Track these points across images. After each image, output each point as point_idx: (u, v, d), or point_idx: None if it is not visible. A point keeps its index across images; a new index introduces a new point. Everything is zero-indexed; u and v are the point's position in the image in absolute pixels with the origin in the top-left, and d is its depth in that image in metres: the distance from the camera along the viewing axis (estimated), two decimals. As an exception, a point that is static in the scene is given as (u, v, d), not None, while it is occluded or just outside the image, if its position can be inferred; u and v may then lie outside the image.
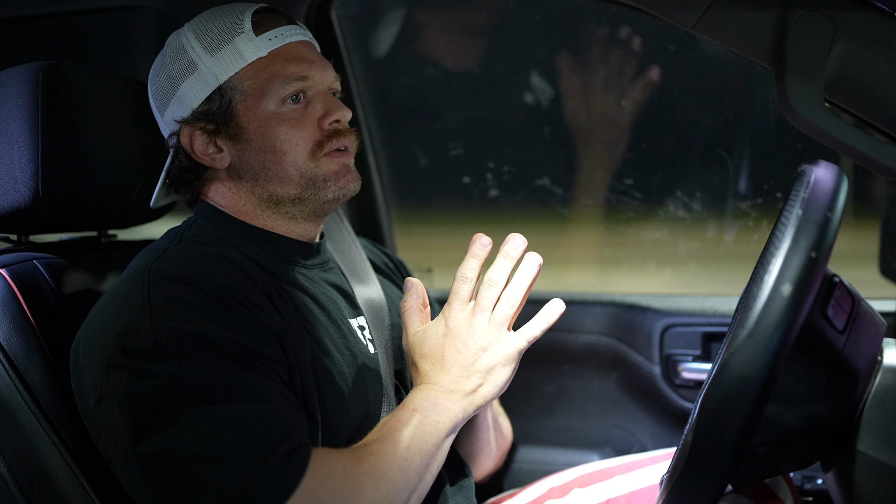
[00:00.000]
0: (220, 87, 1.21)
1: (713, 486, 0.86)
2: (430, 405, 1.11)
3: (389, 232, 2.10)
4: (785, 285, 0.80)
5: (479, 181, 2.40)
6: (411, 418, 1.09)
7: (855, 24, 1.15)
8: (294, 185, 1.22)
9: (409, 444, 1.06)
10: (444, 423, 1.10)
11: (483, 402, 1.14)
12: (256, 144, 1.22)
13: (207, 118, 1.22)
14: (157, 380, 1.00)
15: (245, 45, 1.21)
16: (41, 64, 1.30)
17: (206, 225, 1.24)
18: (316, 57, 1.27)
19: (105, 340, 1.04)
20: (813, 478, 1.68)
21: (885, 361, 1.02)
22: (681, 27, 1.24)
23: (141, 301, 1.05)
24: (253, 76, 1.21)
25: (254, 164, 1.23)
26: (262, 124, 1.21)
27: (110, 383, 1.02)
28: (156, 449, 0.98)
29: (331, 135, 1.24)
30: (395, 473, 1.04)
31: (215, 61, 1.21)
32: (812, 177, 0.90)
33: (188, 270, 1.09)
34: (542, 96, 2.31)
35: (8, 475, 1.15)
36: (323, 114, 1.24)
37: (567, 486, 1.42)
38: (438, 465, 1.11)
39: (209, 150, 1.24)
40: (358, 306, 1.31)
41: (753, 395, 0.79)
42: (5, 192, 1.28)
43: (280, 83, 1.21)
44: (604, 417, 1.95)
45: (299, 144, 1.22)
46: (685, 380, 1.86)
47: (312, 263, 1.29)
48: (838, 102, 1.20)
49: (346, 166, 1.26)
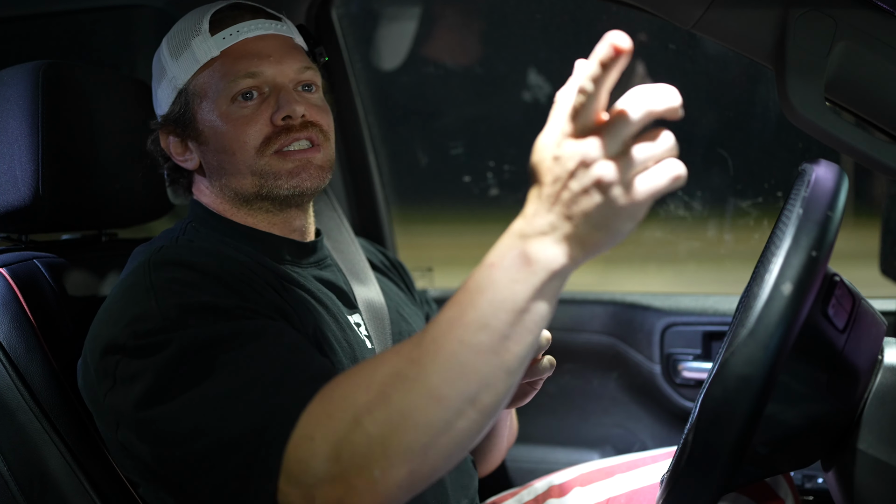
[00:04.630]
0: (181, 91, 1.23)
1: (714, 485, 0.86)
2: (513, 257, 0.79)
3: (389, 231, 2.10)
4: (785, 284, 0.80)
5: (479, 180, 2.40)
6: (470, 289, 0.81)
7: (856, 23, 1.15)
8: (249, 183, 1.22)
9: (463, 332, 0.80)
10: (528, 284, 0.79)
11: (594, 251, 0.78)
12: (213, 145, 1.22)
13: (173, 121, 1.24)
14: (172, 345, 0.98)
15: (199, 46, 1.21)
16: (42, 63, 1.30)
17: (201, 227, 1.25)
18: (276, 50, 1.23)
19: (115, 330, 1.03)
20: (813, 477, 1.68)
21: (886, 360, 1.02)
22: (681, 26, 1.24)
23: (144, 288, 1.05)
24: (205, 77, 1.21)
25: (214, 164, 1.23)
26: (214, 124, 1.21)
27: (126, 365, 1.00)
28: (174, 408, 0.95)
29: (282, 130, 1.20)
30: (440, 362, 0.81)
31: (177, 65, 1.23)
32: (813, 176, 0.90)
33: (186, 257, 1.10)
34: (543, 95, 2.31)
35: (8, 474, 1.15)
36: (275, 109, 1.21)
37: (568, 485, 1.42)
38: (521, 352, 0.80)
39: (182, 152, 1.26)
40: (354, 304, 1.31)
41: (754, 395, 0.79)
42: (6, 192, 1.28)
43: (228, 81, 1.20)
44: (604, 416, 1.95)
45: (248, 143, 1.20)
46: (686, 379, 1.86)
47: (307, 262, 1.29)
48: (839, 101, 1.20)
49: (303, 163, 1.21)
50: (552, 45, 2.28)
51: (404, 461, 0.81)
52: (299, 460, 0.86)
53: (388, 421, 0.81)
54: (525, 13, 2.32)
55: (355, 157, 2.02)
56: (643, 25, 2.13)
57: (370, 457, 0.81)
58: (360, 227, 2.03)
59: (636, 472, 1.39)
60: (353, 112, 1.99)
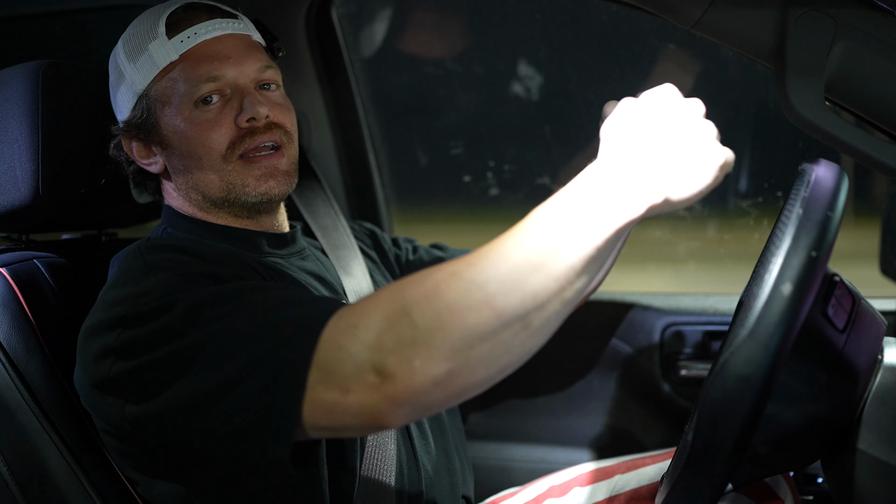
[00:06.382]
0: (141, 96, 1.22)
1: (713, 484, 0.86)
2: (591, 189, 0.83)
3: (390, 230, 2.10)
4: (785, 284, 0.80)
5: (479, 180, 2.40)
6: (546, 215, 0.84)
7: (855, 22, 1.15)
8: (217, 187, 1.21)
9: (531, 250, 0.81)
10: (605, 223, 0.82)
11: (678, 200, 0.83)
12: (178, 150, 1.21)
13: (136, 127, 1.23)
14: (179, 305, 0.96)
15: (157, 50, 1.19)
16: (41, 63, 1.30)
17: (176, 232, 1.25)
18: (235, 51, 1.21)
19: (114, 310, 1.01)
20: (813, 477, 1.68)
21: (886, 360, 1.02)
22: (681, 26, 1.24)
23: (141, 269, 1.05)
24: (166, 83, 1.20)
25: (180, 169, 1.23)
26: (179, 129, 1.20)
27: (128, 336, 0.98)
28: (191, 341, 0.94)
29: (247, 133, 1.20)
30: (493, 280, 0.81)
31: (135, 70, 1.21)
32: (813, 175, 0.90)
33: (178, 242, 1.11)
34: (543, 95, 2.31)
35: (8, 474, 1.15)
36: (238, 112, 1.19)
37: (567, 485, 1.42)
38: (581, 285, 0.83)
39: (147, 156, 1.25)
40: (337, 291, 1.32)
41: (754, 395, 0.79)
42: (5, 191, 1.28)
43: (190, 86, 1.18)
44: (604, 416, 1.95)
45: (213, 147, 1.19)
46: (685, 379, 1.86)
47: (288, 252, 1.29)
48: (839, 101, 1.20)
49: (270, 170, 1.21)
50: (552, 45, 2.28)
51: (446, 357, 0.81)
52: (340, 348, 0.85)
53: (437, 314, 0.81)
54: (525, 13, 2.32)
55: (355, 156, 2.02)
56: (643, 25, 2.13)
57: (414, 346, 0.81)
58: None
59: (636, 472, 1.38)
60: (353, 112, 1.99)
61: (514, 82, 2.37)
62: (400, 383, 0.81)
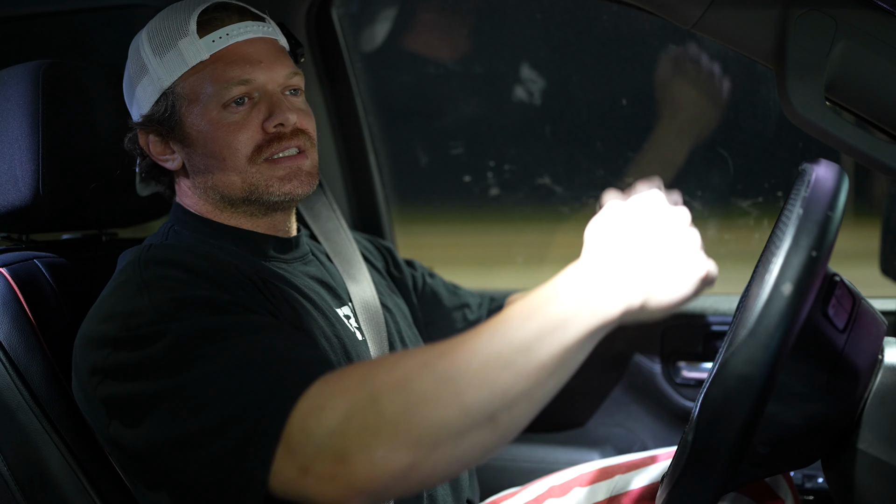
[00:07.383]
0: (165, 92, 1.21)
1: (714, 484, 0.86)
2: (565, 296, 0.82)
3: (390, 231, 2.10)
4: (785, 284, 0.80)
5: (479, 180, 2.39)
6: (521, 312, 0.83)
7: (856, 22, 1.15)
8: (238, 189, 1.22)
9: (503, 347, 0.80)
10: (580, 323, 0.81)
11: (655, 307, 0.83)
12: (201, 149, 1.21)
13: (157, 122, 1.23)
14: (167, 336, 0.97)
15: (187, 48, 1.19)
16: (42, 63, 1.30)
17: (182, 230, 1.25)
18: (266, 55, 1.22)
19: (104, 326, 1.03)
20: (814, 476, 1.68)
21: (886, 360, 1.02)
22: (682, 26, 1.24)
23: (136, 285, 1.05)
24: (195, 81, 1.20)
25: (201, 168, 1.23)
26: (204, 129, 1.20)
27: (116, 358, 0.99)
28: (170, 386, 0.94)
29: (273, 138, 1.21)
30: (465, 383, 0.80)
31: (161, 65, 1.21)
32: (813, 175, 0.90)
33: (178, 257, 1.10)
34: (543, 95, 2.31)
35: (8, 474, 1.15)
36: (267, 116, 1.20)
37: (567, 485, 1.42)
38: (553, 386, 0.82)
39: (163, 152, 1.25)
40: (341, 296, 1.32)
41: (754, 394, 0.79)
42: (6, 191, 1.28)
43: (220, 88, 1.19)
44: (604, 416, 1.95)
45: (239, 150, 1.20)
46: (686, 378, 1.86)
47: (292, 257, 1.29)
48: (839, 101, 1.20)
49: (293, 170, 1.22)
50: (552, 45, 2.28)
51: (410, 449, 0.80)
52: (304, 430, 0.85)
53: (406, 405, 0.80)
54: (525, 13, 2.32)
55: (355, 156, 2.02)
56: (643, 25, 2.13)
57: (378, 435, 0.80)
58: (360, 227, 2.03)
59: (636, 472, 1.38)
60: (353, 112, 1.99)
61: (514, 82, 2.36)
62: (359, 472, 0.81)
